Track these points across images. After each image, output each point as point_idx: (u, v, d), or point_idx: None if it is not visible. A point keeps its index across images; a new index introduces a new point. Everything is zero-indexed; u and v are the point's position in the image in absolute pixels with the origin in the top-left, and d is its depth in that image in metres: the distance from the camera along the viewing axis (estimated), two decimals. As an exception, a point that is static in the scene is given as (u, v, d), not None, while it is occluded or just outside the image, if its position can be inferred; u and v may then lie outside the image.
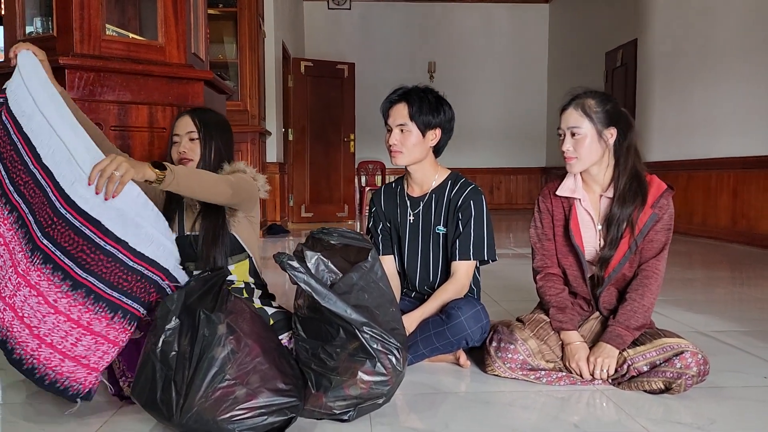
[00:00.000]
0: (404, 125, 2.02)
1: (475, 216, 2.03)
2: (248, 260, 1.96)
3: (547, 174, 10.09)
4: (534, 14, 10.19)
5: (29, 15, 2.36)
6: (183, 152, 1.91)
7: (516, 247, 5.46)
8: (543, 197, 2.03)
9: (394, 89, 2.09)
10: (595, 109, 1.86)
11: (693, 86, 6.11)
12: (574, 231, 1.93)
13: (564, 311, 1.93)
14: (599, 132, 1.86)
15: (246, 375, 1.48)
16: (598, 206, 1.94)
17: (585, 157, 1.87)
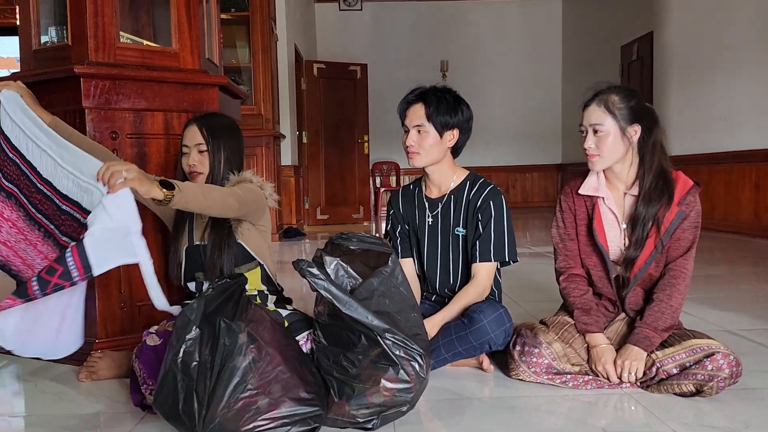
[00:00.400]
0: (421, 126, 1.99)
1: (495, 217, 2.00)
2: (259, 268, 1.95)
3: (563, 171, 10.00)
4: (546, 10, 10.10)
5: (44, 24, 2.36)
6: (192, 165, 1.92)
7: (533, 245, 5.41)
8: (565, 196, 1.99)
9: (411, 89, 2.06)
10: (618, 106, 1.81)
11: (711, 78, 6.02)
12: (597, 230, 1.89)
13: (589, 313, 1.89)
14: (623, 129, 1.81)
15: (268, 384, 1.47)
16: (622, 204, 1.90)
17: (608, 154, 1.83)
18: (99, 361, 2.00)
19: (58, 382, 1.99)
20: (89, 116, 2.11)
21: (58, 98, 2.15)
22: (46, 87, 2.16)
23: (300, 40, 7.63)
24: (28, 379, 2.05)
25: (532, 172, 10.20)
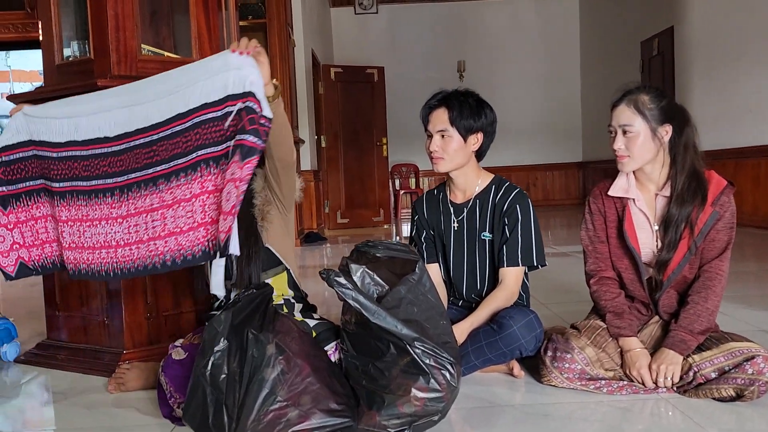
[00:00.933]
0: (445, 131, 1.97)
1: (522, 220, 1.96)
2: (286, 272, 1.92)
3: (585, 169, 9.90)
4: (563, 7, 10.01)
5: (66, 39, 2.37)
6: None
7: (555, 245, 5.35)
8: (594, 197, 1.94)
9: (433, 94, 2.04)
10: (649, 106, 1.77)
11: (735, 72, 5.90)
12: (628, 232, 1.84)
13: (621, 317, 1.85)
14: (653, 130, 1.77)
15: (297, 396, 1.45)
16: (653, 205, 1.85)
17: (638, 155, 1.79)
18: (127, 372, 2.00)
19: (87, 394, 2.00)
20: (112, 128, 2.11)
21: (81, 111, 2.16)
22: (69, 101, 2.18)
23: (317, 45, 7.64)
24: (57, 390, 2.06)
25: (552, 171, 10.11)
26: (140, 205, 1.65)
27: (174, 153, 1.59)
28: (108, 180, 1.70)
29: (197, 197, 1.55)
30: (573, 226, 7.13)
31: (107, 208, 1.70)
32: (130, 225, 1.66)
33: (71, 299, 2.31)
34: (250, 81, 1.49)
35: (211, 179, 1.53)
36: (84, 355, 2.26)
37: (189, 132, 1.56)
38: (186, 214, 1.57)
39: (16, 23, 5.58)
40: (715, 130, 6.10)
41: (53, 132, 1.79)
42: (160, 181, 1.61)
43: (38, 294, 3.69)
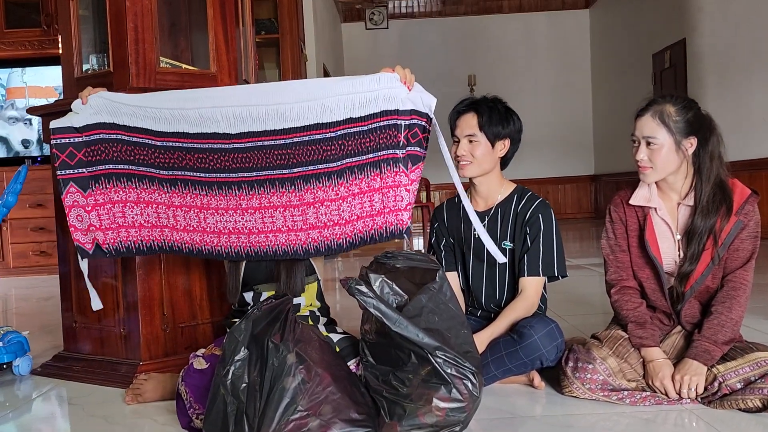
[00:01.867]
0: (473, 135, 1.98)
1: (544, 230, 1.95)
2: (316, 282, 1.93)
3: (597, 182, 9.86)
4: (574, 20, 10.04)
5: (85, 53, 2.40)
6: None
7: (570, 257, 5.31)
8: (615, 206, 1.92)
9: (461, 100, 2.06)
10: (674, 118, 1.74)
11: (749, 84, 5.88)
12: (650, 242, 1.82)
13: (644, 326, 1.82)
14: (677, 142, 1.74)
15: (318, 405, 1.44)
16: (675, 215, 1.83)
17: (661, 167, 1.76)
18: (144, 383, 2.00)
19: (105, 405, 1.99)
20: (131, 140, 2.13)
21: (100, 123, 2.18)
22: (89, 113, 2.20)
23: (328, 60, 7.69)
24: (75, 402, 2.06)
25: (565, 184, 10.08)
26: (276, 201, 1.74)
27: (315, 158, 1.69)
28: (233, 174, 1.75)
29: (344, 199, 1.70)
30: (586, 239, 7.09)
31: (235, 199, 1.76)
32: (265, 216, 1.75)
33: (88, 311, 2.30)
34: (431, 107, 1.67)
35: (357, 183, 1.69)
36: (101, 366, 2.26)
37: (334, 142, 1.67)
38: (329, 212, 1.71)
39: (33, 40, 5.66)
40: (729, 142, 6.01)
41: (154, 120, 1.78)
42: (299, 182, 1.71)
43: (51, 308, 3.72)
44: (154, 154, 1.80)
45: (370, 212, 1.68)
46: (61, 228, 2.36)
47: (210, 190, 1.78)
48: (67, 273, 2.37)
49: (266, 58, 5.99)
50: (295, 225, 1.73)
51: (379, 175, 1.66)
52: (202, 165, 1.77)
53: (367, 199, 1.68)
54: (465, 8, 10.00)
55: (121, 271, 2.20)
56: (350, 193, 1.68)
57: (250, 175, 1.74)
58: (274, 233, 1.76)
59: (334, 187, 1.69)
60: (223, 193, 1.77)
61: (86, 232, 1.87)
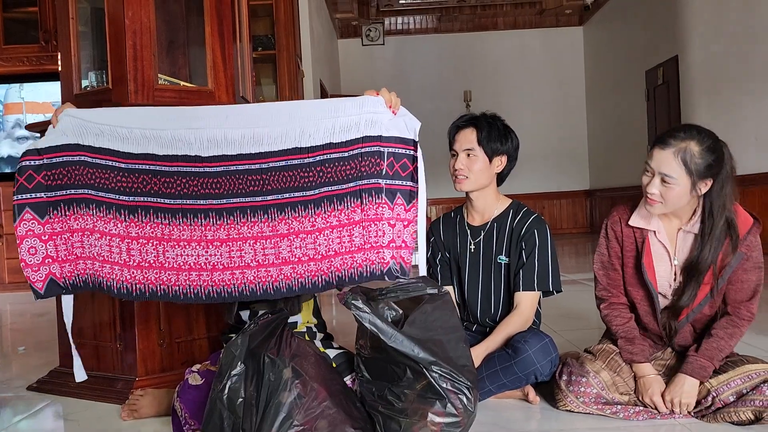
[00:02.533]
0: (471, 150, 2.01)
1: (540, 245, 1.97)
2: (313, 299, 1.95)
3: (592, 197, 9.91)
4: (568, 37, 10.14)
5: (84, 70, 2.43)
6: None
7: (564, 272, 5.33)
8: (612, 223, 1.88)
9: (461, 115, 2.10)
10: (697, 160, 1.63)
11: (741, 100, 5.94)
12: (647, 266, 1.79)
13: (633, 342, 1.83)
14: (694, 183, 1.65)
15: (314, 420, 1.45)
16: (674, 239, 1.79)
17: (671, 204, 1.69)
18: (141, 398, 2.00)
19: (101, 421, 1.99)
20: (129, 156, 2.15)
21: (99, 140, 2.20)
22: (87, 129, 2.22)
23: (325, 76, 7.75)
24: (71, 418, 2.05)
25: (560, 199, 10.12)
26: (245, 232, 1.58)
27: (291, 185, 1.56)
28: (200, 201, 1.61)
29: (321, 232, 1.55)
30: (581, 254, 7.12)
31: (200, 230, 1.61)
32: (232, 249, 1.59)
33: (84, 326, 2.31)
34: (416, 130, 1.59)
35: (335, 215, 1.54)
36: (97, 382, 2.25)
37: (312, 168, 1.54)
38: (304, 246, 1.56)
39: (31, 56, 5.70)
40: (722, 158, 6.12)
41: (122, 140, 1.66)
42: (272, 210, 1.57)
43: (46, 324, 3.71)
44: (116, 178, 1.67)
45: (350, 248, 1.57)
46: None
47: (173, 218, 1.62)
48: (64, 288, 2.37)
49: (263, 74, 6.03)
50: (266, 259, 1.59)
51: (359, 206, 1.55)
52: (167, 190, 1.63)
53: (346, 233, 1.56)
54: (460, 25, 10.10)
55: (118, 286, 2.20)
56: (328, 225, 1.56)
57: (219, 202, 1.60)
58: (241, 269, 1.60)
59: (310, 217, 1.56)
60: (188, 222, 1.62)
61: (39, 266, 1.70)
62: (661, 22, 7.41)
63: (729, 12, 6.06)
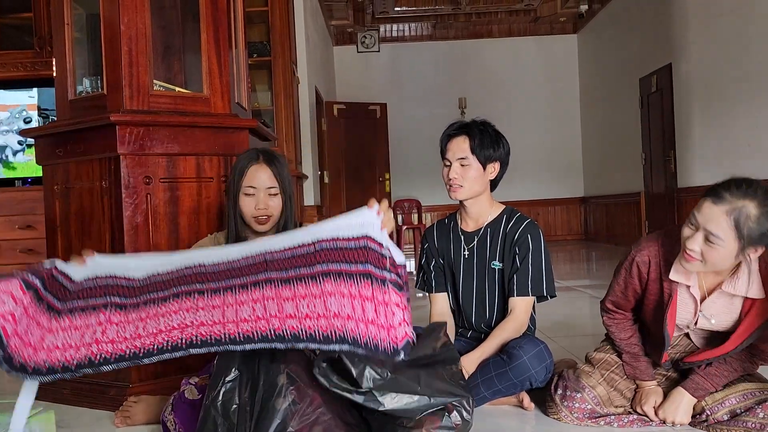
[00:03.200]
0: (465, 159, 2.01)
1: (533, 250, 1.98)
2: None
3: (586, 204, 9.94)
4: (562, 45, 10.19)
5: (79, 75, 2.43)
6: (262, 209, 1.87)
7: (558, 279, 5.33)
8: (641, 262, 1.66)
9: (451, 123, 2.09)
10: (751, 225, 1.43)
11: (735, 109, 5.98)
12: (669, 319, 1.64)
13: (638, 358, 1.79)
14: (742, 249, 1.46)
15: (309, 427, 1.45)
16: (705, 290, 1.64)
17: (711, 265, 1.50)
18: (134, 405, 1.99)
19: (94, 428, 1.98)
20: (124, 162, 2.15)
21: (94, 146, 2.20)
22: (82, 135, 2.22)
23: (320, 82, 7.76)
24: (63, 425, 2.04)
25: (554, 206, 10.15)
26: (242, 298, 1.49)
27: (296, 265, 1.45)
28: (196, 285, 1.53)
29: (332, 295, 1.42)
30: (576, 261, 7.13)
31: (191, 302, 1.53)
32: (226, 312, 1.49)
33: (78, 332, 2.30)
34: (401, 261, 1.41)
35: (346, 286, 1.41)
36: (89, 389, 2.24)
37: (318, 253, 1.44)
38: (311, 305, 1.43)
39: (25, 62, 5.69)
40: (716, 166, 6.16)
41: (131, 269, 1.59)
42: (276, 282, 1.46)
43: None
44: (126, 289, 1.57)
45: (362, 318, 1.38)
46: (51, 250, 2.36)
47: (164, 302, 1.54)
48: (57, 294, 2.36)
49: (258, 80, 6.04)
50: (266, 314, 1.45)
51: (369, 285, 1.38)
52: (163, 287, 1.55)
53: (358, 304, 1.39)
54: (455, 32, 10.14)
55: (112, 292, 2.19)
56: (338, 291, 1.40)
57: (216, 284, 1.51)
58: (235, 323, 1.47)
59: (318, 285, 1.42)
60: (179, 299, 1.53)
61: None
62: (655, 29, 7.46)
63: (722, 20, 6.10)
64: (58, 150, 2.31)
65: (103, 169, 2.19)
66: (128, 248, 2.14)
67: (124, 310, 1.57)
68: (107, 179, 2.18)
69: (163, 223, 2.21)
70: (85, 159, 2.24)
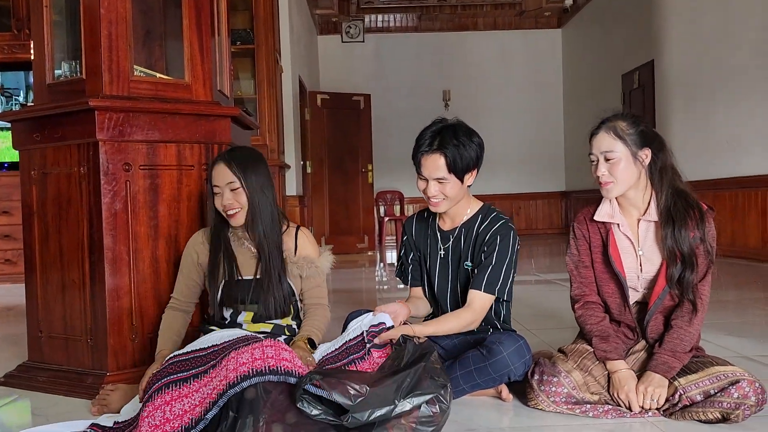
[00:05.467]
0: (442, 178, 1.92)
1: (499, 250, 1.95)
2: (293, 306, 1.98)
3: (568, 198, 10.01)
4: (547, 40, 10.23)
5: (58, 59, 2.38)
6: (228, 204, 1.94)
7: (539, 272, 5.38)
8: (578, 223, 1.97)
9: (422, 131, 1.96)
10: (627, 131, 1.81)
11: (714, 105, 6.05)
12: (614, 257, 1.87)
13: (607, 340, 1.86)
14: (634, 154, 1.81)
15: (282, 413, 1.45)
16: (636, 230, 1.89)
17: (622, 180, 1.81)
18: (111, 394, 1.97)
19: (70, 416, 1.96)
20: (103, 148, 2.12)
21: (72, 131, 2.17)
22: (60, 120, 2.19)
23: (304, 72, 7.71)
24: (39, 413, 2.02)
25: (536, 200, 10.21)
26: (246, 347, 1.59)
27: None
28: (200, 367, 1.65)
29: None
30: (556, 254, 7.19)
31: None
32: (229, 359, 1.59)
33: (54, 320, 2.27)
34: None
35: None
36: (66, 377, 2.22)
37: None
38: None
39: (2, 45, 5.58)
40: (694, 162, 6.23)
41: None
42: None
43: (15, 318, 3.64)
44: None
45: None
46: (28, 235, 2.32)
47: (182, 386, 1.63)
48: (33, 281, 2.33)
49: (241, 68, 5.98)
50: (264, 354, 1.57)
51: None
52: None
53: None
54: (440, 24, 10.13)
55: (89, 279, 2.17)
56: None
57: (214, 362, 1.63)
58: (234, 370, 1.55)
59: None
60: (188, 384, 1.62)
61: None
62: (638, 26, 7.51)
63: (705, 17, 6.16)
64: (35, 134, 2.27)
65: (82, 155, 2.16)
66: (106, 235, 2.12)
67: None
68: (85, 165, 2.15)
69: (143, 210, 2.19)
70: (63, 144, 2.20)
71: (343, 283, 5.16)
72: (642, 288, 1.89)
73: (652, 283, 1.88)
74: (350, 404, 1.41)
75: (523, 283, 4.62)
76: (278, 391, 1.48)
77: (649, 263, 1.87)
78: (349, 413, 1.41)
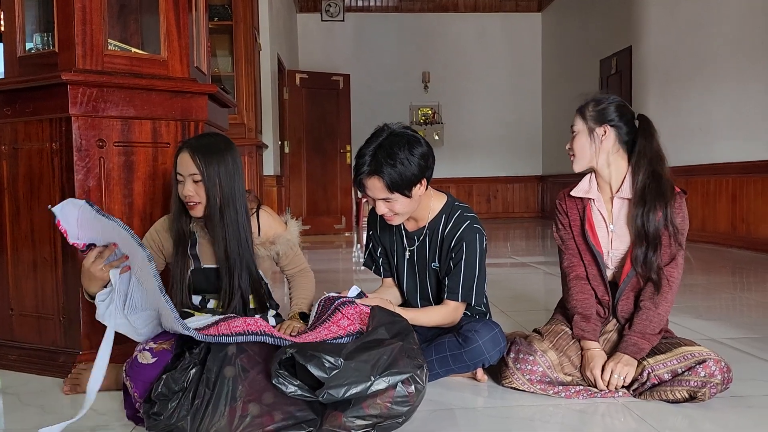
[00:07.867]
0: (387, 198, 1.84)
1: (467, 257, 1.92)
2: (264, 287, 1.98)
3: (544, 182, 10.10)
4: (526, 23, 10.23)
5: (29, 31, 2.32)
6: (189, 196, 1.85)
7: (514, 255, 5.43)
8: (560, 199, 2.04)
9: (360, 150, 1.86)
10: (589, 109, 1.91)
11: (689, 92, 6.13)
12: (589, 231, 1.93)
13: (588, 320, 1.90)
14: (591, 129, 1.89)
15: (259, 393, 1.46)
16: (610, 207, 1.94)
17: (579, 154, 1.92)
18: (84, 373, 1.95)
19: (42, 395, 1.94)
20: (75, 124, 2.08)
21: (44, 106, 2.12)
22: (32, 94, 2.13)
23: (283, 50, 7.61)
24: (10, 391, 2.00)
25: (513, 183, 10.28)
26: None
27: None
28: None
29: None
30: (531, 238, 7.27)
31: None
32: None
33: (26, 297, 2.24)
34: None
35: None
36: (38, 355, 2.19)
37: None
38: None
39: (-29, 15, 5.42)
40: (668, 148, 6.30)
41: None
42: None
43: None
44: None
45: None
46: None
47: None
48: (4, 259, 2.29)
49: (219, 45, 5.88)
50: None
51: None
52: None
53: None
54: (421, 5, 10.06)
55: (62, 255, 2.14)
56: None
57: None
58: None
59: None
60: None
61: None
62: (617, 12, 7.55)
63: (682, 6, 6.22)
64: (5, 109, 2.21)
65: (54, 131, 2.12)
66: (80, 213, 2.08)
67: None
68: (58, 141, 2.11)
69: (117, 188, 2.16)
70: (34, 119, 2.15)
71: (320, 263, 5.16)
72: (612, 266, 1.95)
73: (621, 263, 1.92)
74: (325, 377, 1.41)
75: (498, 265, 4.67)
76: (256, 371, 1.48)
77: (619, 240, 1.92)
78: (324, 389, 1.41)
